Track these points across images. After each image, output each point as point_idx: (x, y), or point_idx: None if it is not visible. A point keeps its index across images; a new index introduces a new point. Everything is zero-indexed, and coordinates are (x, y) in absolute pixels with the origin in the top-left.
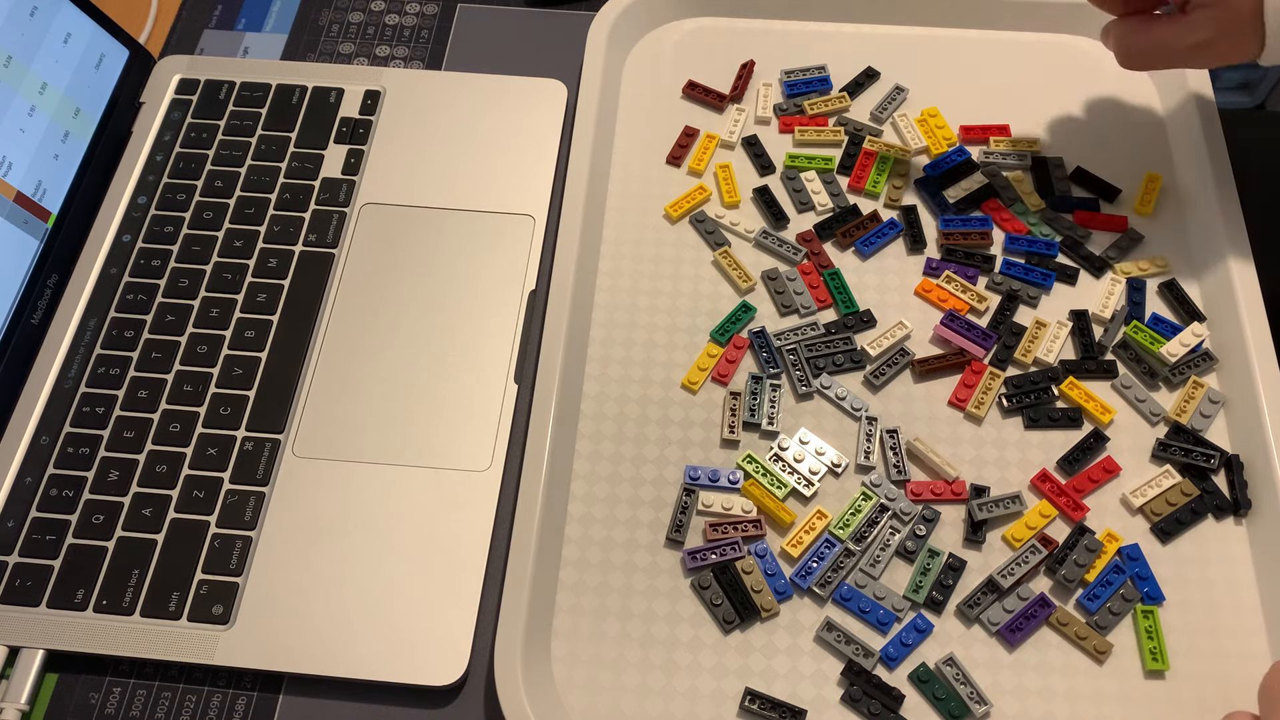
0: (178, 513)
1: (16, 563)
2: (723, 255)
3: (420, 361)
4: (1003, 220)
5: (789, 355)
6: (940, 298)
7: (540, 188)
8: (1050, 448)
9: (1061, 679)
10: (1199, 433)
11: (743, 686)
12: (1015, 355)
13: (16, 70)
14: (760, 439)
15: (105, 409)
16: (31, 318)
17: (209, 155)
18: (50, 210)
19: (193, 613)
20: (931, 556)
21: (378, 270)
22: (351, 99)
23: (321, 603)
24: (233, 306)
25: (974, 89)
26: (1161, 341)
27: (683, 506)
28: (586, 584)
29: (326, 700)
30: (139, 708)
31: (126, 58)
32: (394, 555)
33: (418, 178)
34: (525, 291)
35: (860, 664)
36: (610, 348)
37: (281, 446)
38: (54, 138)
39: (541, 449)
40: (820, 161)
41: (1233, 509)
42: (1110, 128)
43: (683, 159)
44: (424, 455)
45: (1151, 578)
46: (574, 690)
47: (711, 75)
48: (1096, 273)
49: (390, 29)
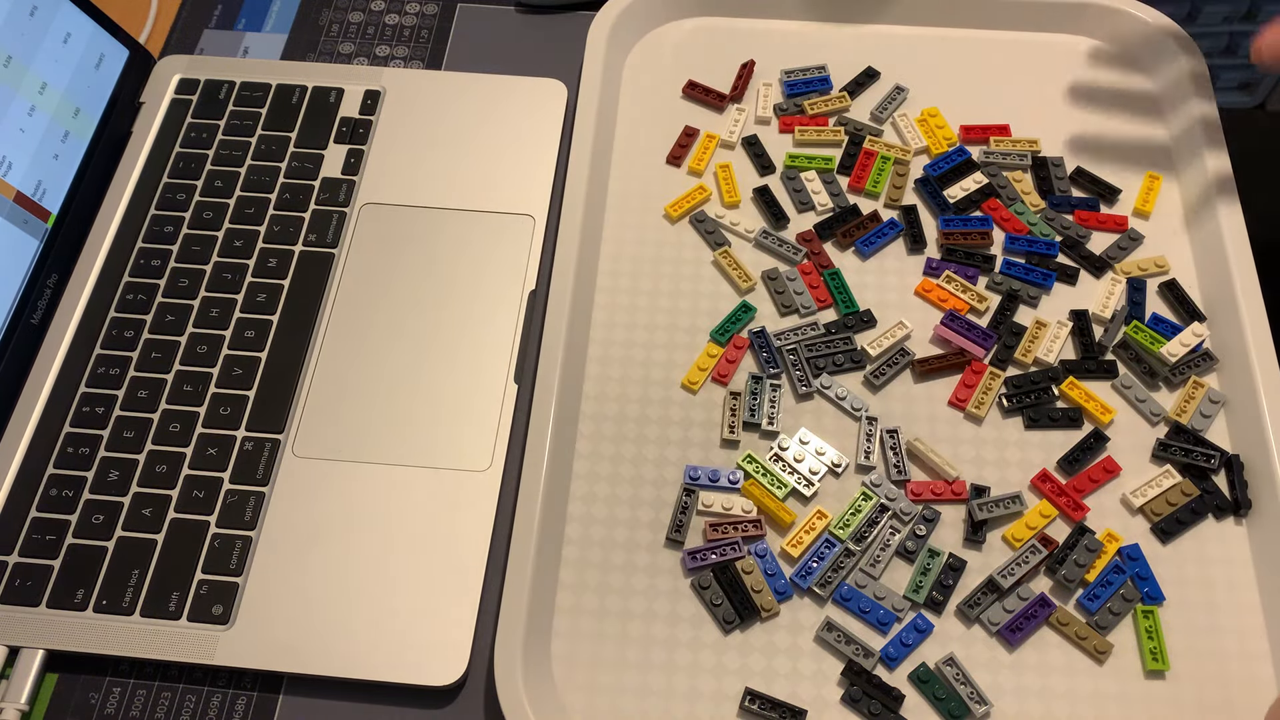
0: (178, 513)
1: (16, 563)
2: (723, 255)
3: (420, 361)
4: (1003, 220)
5: (789, 355)
6: (940, 298)
7: (540, 188)
8: (1050, 448)
9: (1061, 679)
10: (1199, 433)
11: (743, 686)
12: (1015, 355)
13: (16, 70)
14: (760, 439)
15: (105, 409)
16: (31, 318)
17: (209, 155)
18: (50, 210)
19: (193, 613)
20: (931, 556)
21: (378, 270)
22: (351, 99)
23: (321, 603)
24: (233, 306)
25: (974, 89)
26: (1162, 341)
27: (683, 506)
28: (586, 584)
29: (326, 700)
30: (139, 708)
31: (126, 58)
32: (394, 555)
33: (418, 178)
34: (525, 291)
35: (860, 664)
36: (610, 348)
37: (281, 446)
38: (54, 138)
39: (541, 449)
40: (820, 161)
41: (1233, 509)
42: (1110, 128)
43: (683, 159)
44: (424, 455)
45: (1151, 578)
46: (574, 690)
47: (711, 75)
48: (1096, 273)
49: (390, 29)
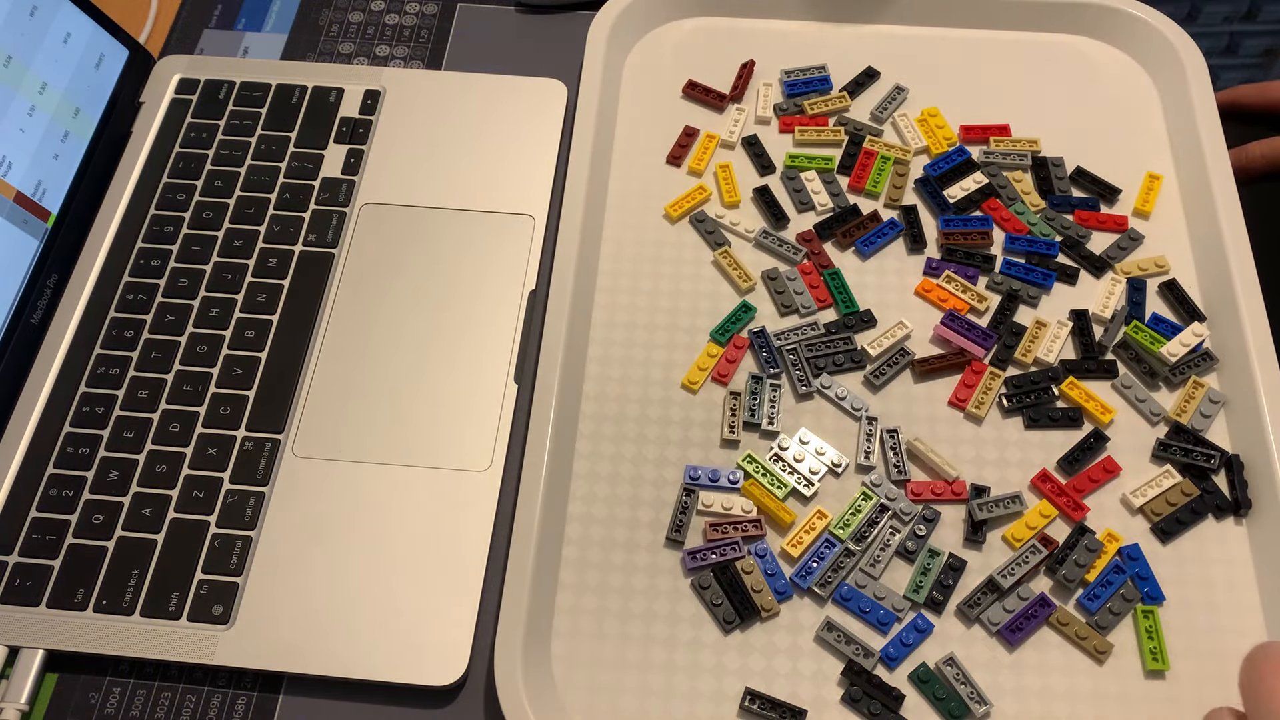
0: (178, 513)
1: (16, 563)
2: (723, 255)
3: (420, 361)
4: (1003, 220)
5: (789, 355)
6: (940, 298)
7: (540, 188)
8: (1050, 448)
9: (1061, 679)
10: (1199, 433)
11: (743, 686)
12: (1015, 355)
13: (16, 70)
14: (760, 439)
15: (105, 409)
16: (31, 318)
17: (209, 155)
18: (50, 210)
19: (193, 613)
20: (932, 556)
21: (378, 270)
22: (351, 99)
23: (321, 602)
24: (233, 306)
25: (974, 89)
26: (1162, 341)
27: (683, 506)
28: (586, 584)
29: (326, 700)
30: (139, 708)
31: (126, 57)
32: (394, 555)
33: (418, 178)
34: (525, 291)
35: (860, 664)
36: (610, 348)
37: (281, 446)
38: (54, 137)
39: (541, 449)
40: (820, 161)
41: (1233, 509)
42: (1110, 128)
43: (683, 159)
44: (424, 455)
45: (1152, 578)
46: (574, 690)
47: (711, 75)
48: (1096, 273)
49: (390, 29)
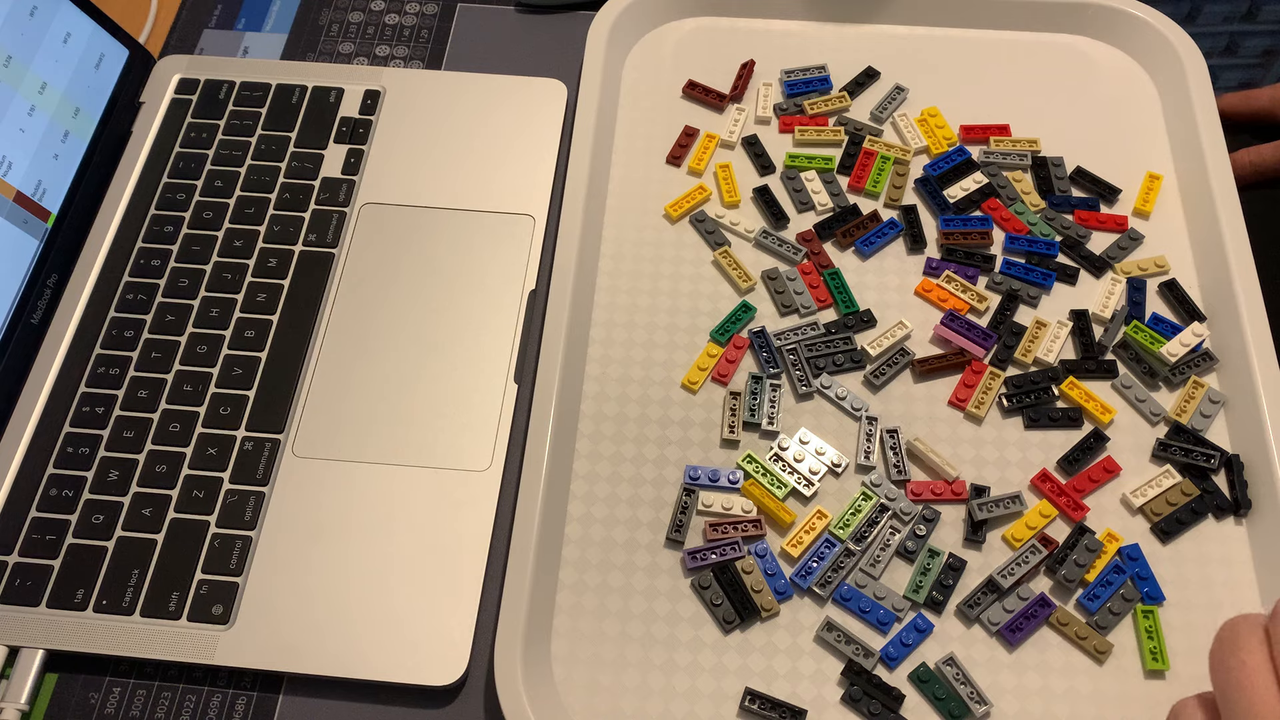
0: (178, 513)
1: (16, 563)
2: (723, 255)
3: (420, 361)
4: (1003, 220)
5: (789, 355)
6: (940, 297)
7: (540, 188)
8: (1050, 448)
9: (1061, 679)
10: (1199, 433)
11: (743, 686)
12: (1015, 355)
13: (16, 70)
14: (760, 439)
15: (105, 409)
16: (31, 318)
17: (209, 155)
18: (50, 210)
19: (192, 613)
20: (931, 556)
21: (378, 270)
22: (351, 99)
23: (321, 603)
24: (233, 306)
25: (974, 89)
26: (1161, 341)
27: (683, 506)
28: (586, 584)
29: (326, 700)
30: (139, 708)
31: (126, 57)
32: (394, 555)
33: (418, 178)
34: (525, 291)
35: (860, 664)
36: (610, 348)
37: (281, 446)
38: (54, 137)
39: (541, 449)
40: (820, 161)
41: (1233, 509)
42: (1110, 128)
43: (683, 159)
44: (424, 455)
45: (1152, 578)
46: (574, 690)
47: (711, 75)
48: (1096, 273)
49: (390, 29)
